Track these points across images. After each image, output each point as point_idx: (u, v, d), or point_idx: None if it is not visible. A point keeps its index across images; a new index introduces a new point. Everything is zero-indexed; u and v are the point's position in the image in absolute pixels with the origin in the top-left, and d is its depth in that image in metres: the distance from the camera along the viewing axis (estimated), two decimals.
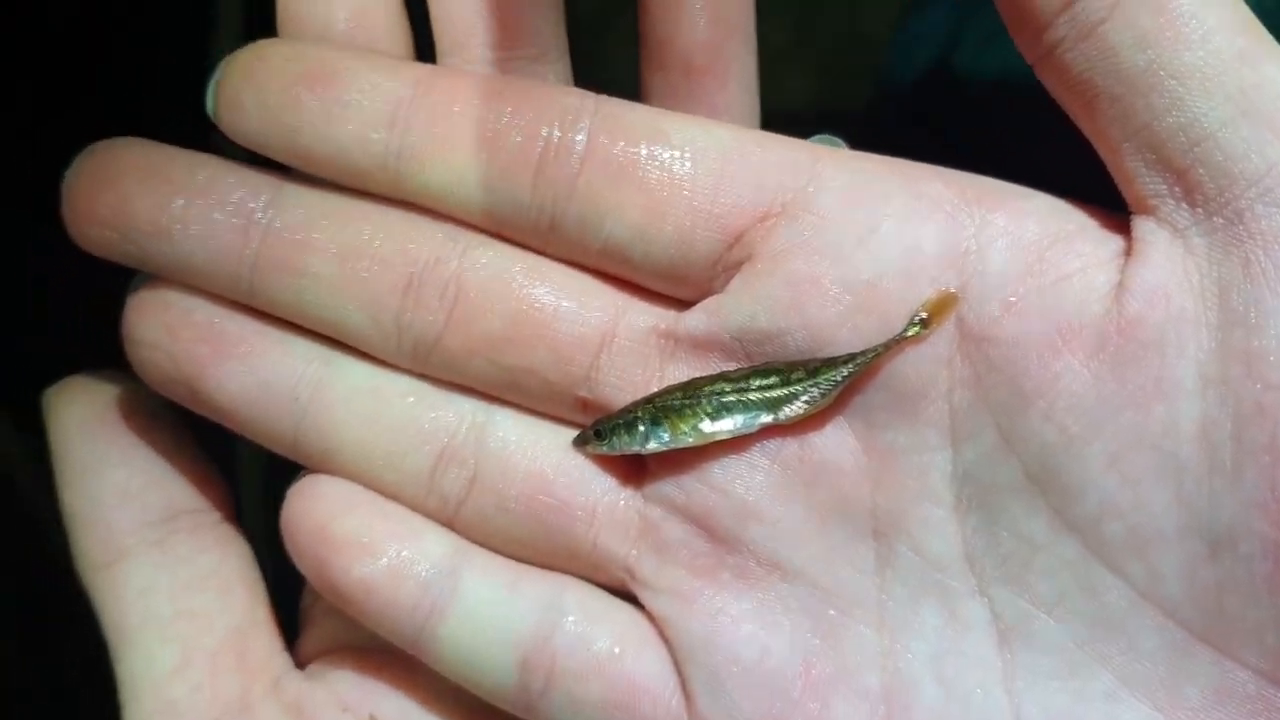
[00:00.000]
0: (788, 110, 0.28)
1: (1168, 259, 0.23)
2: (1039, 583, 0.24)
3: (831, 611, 0.26)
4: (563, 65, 0.28)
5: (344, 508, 0.27)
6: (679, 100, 0.27)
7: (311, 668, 0.30)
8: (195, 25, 0.43)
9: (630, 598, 0.27)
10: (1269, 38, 0.22)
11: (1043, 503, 0.24)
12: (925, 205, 0.25)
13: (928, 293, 0.24)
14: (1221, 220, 0.22)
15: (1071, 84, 0.23)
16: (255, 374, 0.27)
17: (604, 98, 0.27)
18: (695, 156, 0.25)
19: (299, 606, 0.31)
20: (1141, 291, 0.23)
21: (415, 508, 0.28)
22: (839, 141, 0.27)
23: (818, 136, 0.27)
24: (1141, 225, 0.23)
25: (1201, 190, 0.22)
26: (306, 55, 0.27)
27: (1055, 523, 0.24)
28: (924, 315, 0.24)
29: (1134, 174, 0.23)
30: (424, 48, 0.28)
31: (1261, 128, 0.21)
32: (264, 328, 0.28)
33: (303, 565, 0.27)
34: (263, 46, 0.27)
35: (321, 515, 0.27)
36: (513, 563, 0.27)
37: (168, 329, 0.27)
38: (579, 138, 0.26)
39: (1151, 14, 0.22)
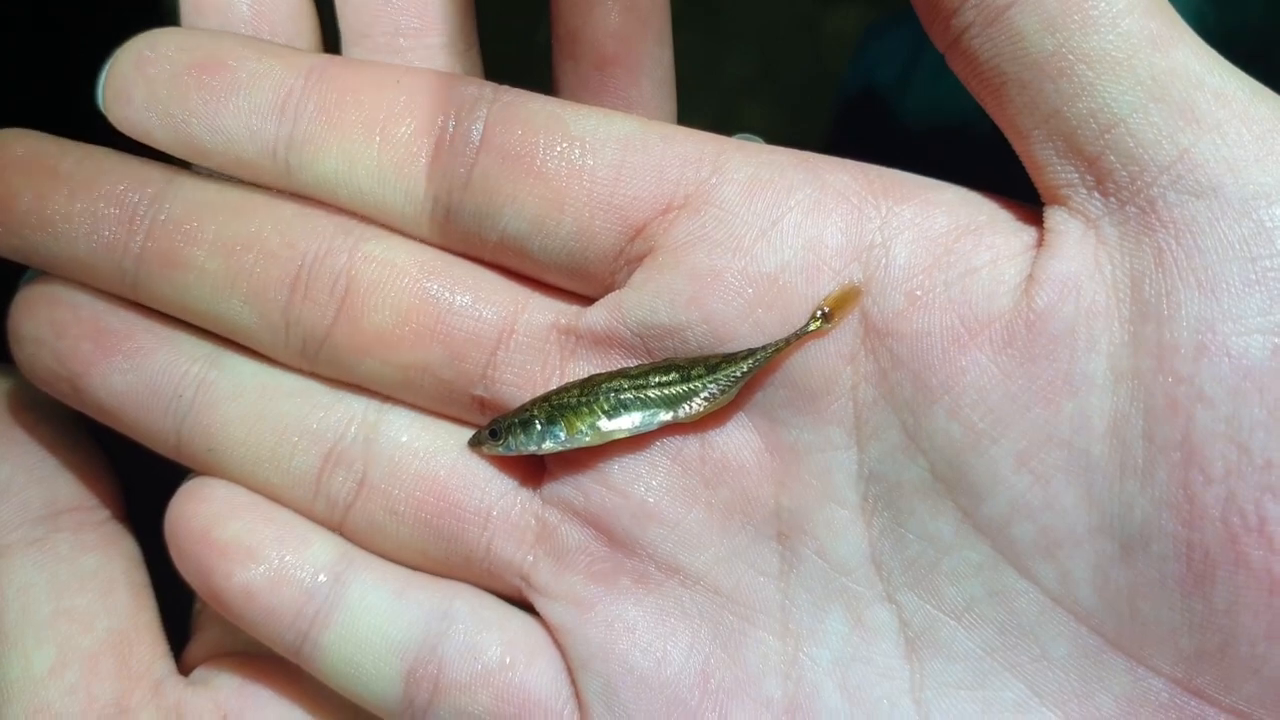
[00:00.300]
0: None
1: (1079, 250, 0.22)
2: (947, 588, 0.23)
3: (732, 618, 0.25)
4: (472, 55, 0.28)
5: (228, 511, 0.26)
6: (591, 94, 0.27)
7: (195, 673, 0.28)
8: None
9: (525, 606, 0.26)
10: (1180, 22, 0.22)
11: (950, 503, 0.23)
12: (830, 197, 0.24)
13: (831, 286, 0.24)
14: (1134, 209, 0.21)
15: (981, 71, 0.22)
16: (139, 372, 0.26)
17: (504, 88, 0.26)
18: (595, 147, 0.25)
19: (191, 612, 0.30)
20: (1052, 284, 0.22)
21: (302, 512, 0.26)
22: (757, 139, 0.27)
23: (738, 135, 0.27)
24: (1053, 216, 0.23)
25: (1113, 178, 0.22)
26: (197, 44, 0.26)
27: (963, 524, 0.23)
28: (827, 309, 0.24)
29: (1044, 162, 0.22)
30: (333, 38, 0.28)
31: (1173, 114, 0.21)
32: (151, 325, 0.27)
33: (185, 570, 0.26)
34: (154, 35, 0.26)
35: (204, 519, 0.26)
36: (402, 570, 0.26)
37: (53, 325, 0.26)
38: (475, 128, 0.25)
39: None
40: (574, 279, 0.26)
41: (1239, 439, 0.20)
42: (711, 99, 0.89)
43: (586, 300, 0.26)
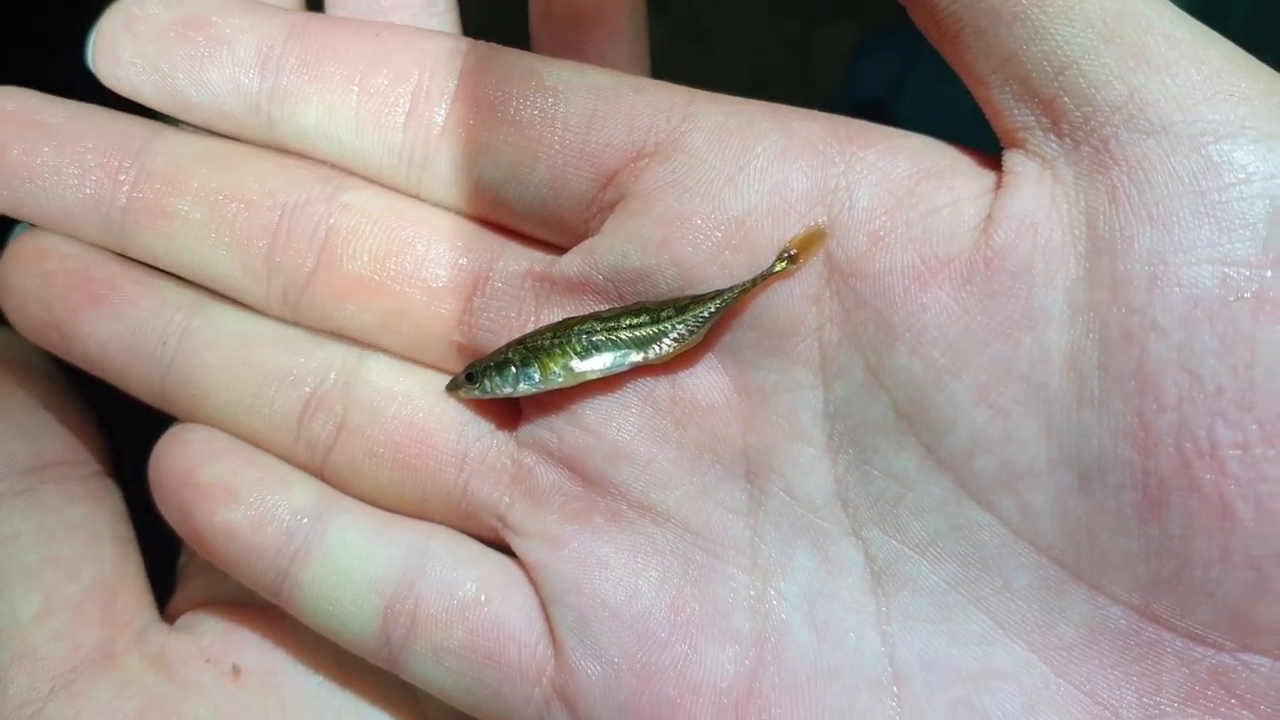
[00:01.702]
0: None
1: (1036, 190, 0.23)
2: (911, 522, 0.24)
3: (702, 554, 0.25)
4: (452, 17, 0.29)
5: (210, 455, 0.27)
6: (568, 52, 0.27)
7: (179, 620, 0.29)
8: None
9: (501, 548, 0.27)
10: None
11: (913, 439, 0.23)
12: (796, 144, 0.25)
13: (796, 229, 0.24)
14: (1088, 149, 0.22)
15: (940, 19, 0.23)
16: (125, 320, 0.27)
17: (480, 42, 0.27)
18: (568, 96, 0.25)
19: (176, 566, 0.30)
20: (1010, 222, 0.23)
21: (283, 455, 0.27)
22: None
23: None
24: (1011, 158, 0.23)
25: (1067, 119, 0.22)
26: (182, 2, 0.27)
27: (926, 460, 0.23)
28: (792, 251, 0.24)
29: (1002, 106, 0.23)
30: None
31: (1124, 55, 0.21)
32: (137, 274, 0.27)
33: (167, 512, 0.27)
34: None
35: (187, 462, 0.27)
36: (380, 512, 0.27)
37: (42, 276, 0.27)
38: (451, 79, 0.26)
39: None
40: (548, 228, 0.26)
41: (1190, 366, 0.21)
42: None
43: (560, 250, 0.27)
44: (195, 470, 0.26)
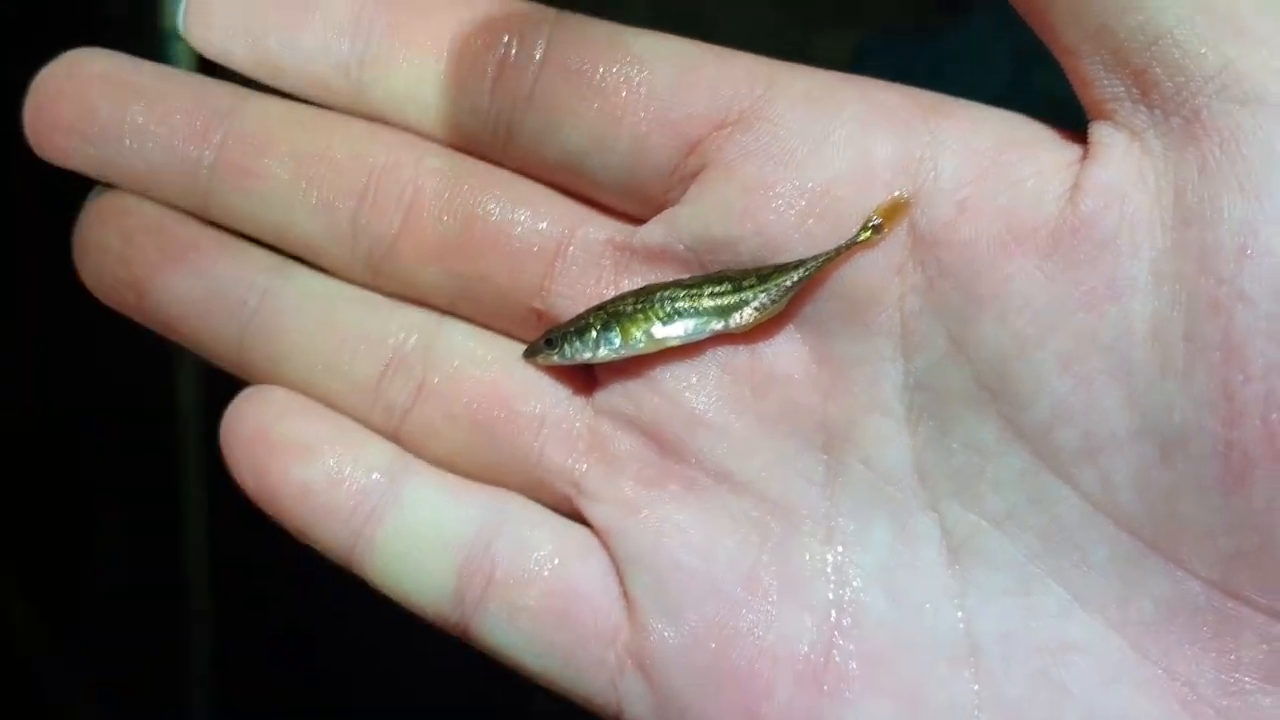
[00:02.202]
0: None
1: (1124, 160, 0.23)
2: (989, 496, 0.24)
3: (779, 523, 0.25)
4: None
5: (287, 413, 0.27)
6: None
7: None
8: None
9: (574, 518, 0.27)
10: None
11: (994, 410, 0.23)
12: (880, 114, 0.25)
13: (881, 198, 0.24)
14: (1179, 120, 0.22)
15: None
16: (205, 278, 0.27)
17: (565, 13, 0.27)
18: (653, 65, 0.26)
19: None
20: (1096, 192, 0.23)
21: (361, 418, 0.27)
22: None
23: None
24: (1099, 129, 0.23)
25: (1159, 89, 0.22)
26: None
27: (1006, 431, 0.23)
28: (877, 221, 0.24)
29: (1092, 77, 0.23)
30: None
31: (1218, 24, 0.21)
32: (219, 235, 0.28)
33: (239, 470, 0.27)
34: None
35: (263, 420, 0.27)
36: (455, 476, 0.27)
37: (121, 232, 0.27)
38: (539, 45, 0.26)
39: None
40: (629, 198, 0.27)
41: (1279, 336, 0.21)
42: None
43: (639, 221, 0.27)
44: (272, 427, 0.27)
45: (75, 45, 0.28)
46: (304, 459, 0.26)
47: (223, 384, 0.28)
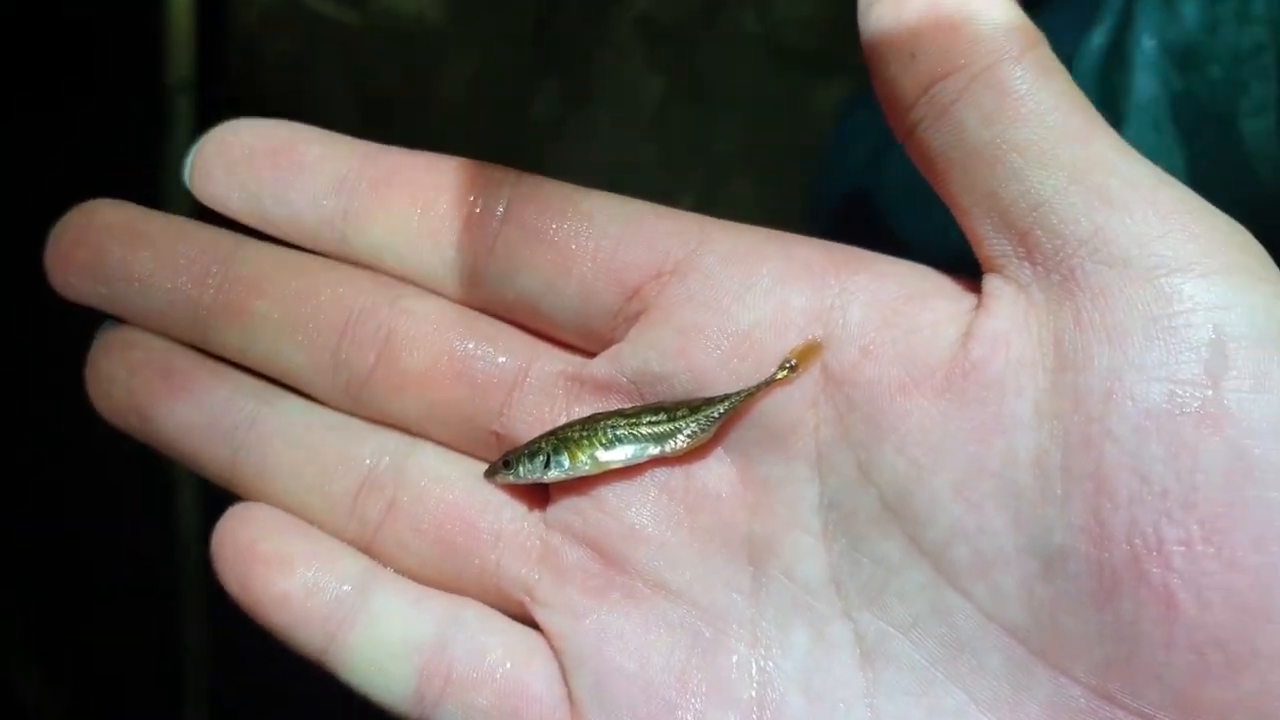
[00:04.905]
0: (736, 217, 0.31)
1: (1011, 310, 0.26)
2: (896, 606, 0.27)
3: (709, 629, 0.28)
4: None
5: (271, 530, 0.30)
6: None
7: None
8: None
9: (526, 623, 0.30)
10: (1099, 118, 0.25)
11: (897, 529, 0.26)
12: (797, 268, 0.28)
13: (796, 341, 0.28)
14: (1057, 276, 0.25)
15: (931, 158, 0.26)
16: (201, 405, 0.30)
17: (524, 174, 0.31)
18: (599, 221, 0.29)
19: None
20: (986, 338, 0.26)
21: (337, 531, 0.30)
22: None
23: None
24: (990, 281, 0.26)
25: (1040, 249, 0.25)
26: (271, 133, 0.31)
27: (909, 548, 0.26)
28: (792, 361, 0.28)
29: (983, 236, 0.26)
30: None
31: (1090, 195, 0.24)
32: (214, 367, 0.31)
33: (227, 580, 0.30)
34: (234, 125, 0.31)
35: (249, 535, 0.30)
36: (419, 585, 0.30)
37: (128, 364, 0.31)
38: (500, 204, 0.30)
39: (994, 96, 0.25)
40: (579, 334, 0.30)
41: (1141, 471, 0.23)
42: (700, 171, 0.91)
43: (589, 354, 0.30)
44: (257, 542, 0.30)
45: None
46: (284, 571, 0.29)
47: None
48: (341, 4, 0.90)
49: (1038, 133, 0.24)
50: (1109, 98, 0.53)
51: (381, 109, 0.90)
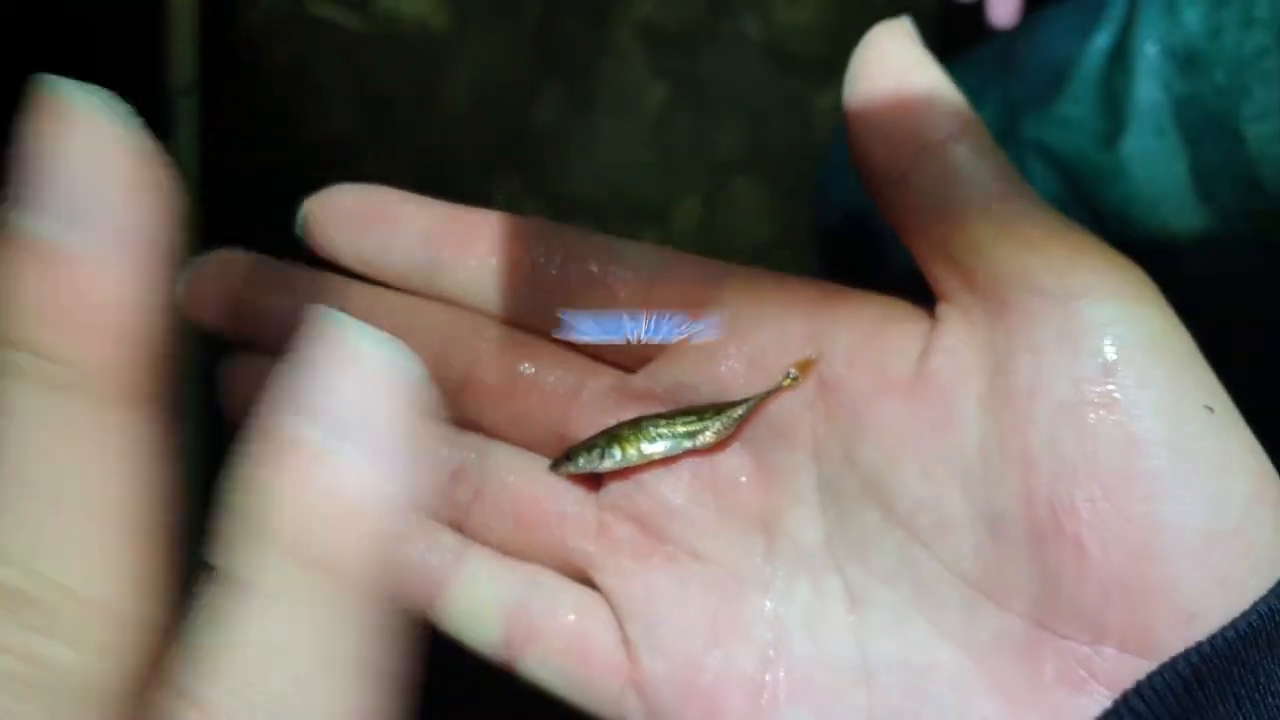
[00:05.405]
0: (739, 223, 0.37)
1: (958, 330, 0.31)
2: (876, 561, 0.33)
3: (732, 586, 0.35)
4: None
5: None
6: None
7: None
8: None
9: (587, 585, 0.37)
10: (1022, 181, 0.31)
11: (875, 502, 0.33)
12: (796, 300, 0.35)
13: (796, 357, 0.35)
14: (993, 303, 0.29)
15: (895, 212, 0.32)
16: None
17: (575, 226, 0.37)
18: (637, 267, 0.36)
19: None
20: (939, 352, 0.32)
21: (435, 514, 0.37)
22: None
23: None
24: (942, 308, 0.33)
25: (979, 284, 0.29)
26: (367, 197, 0.38)
27: (885, 517, 0.33)
28: (794, 373, 0.35)
29: (936, 273, 0.32)
30: None
31: (1016, 243, 0.29)
32: None
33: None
34: (336, 190, 0.38)
35: None
36: (503, 555, 0.37)
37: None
38: (557, 255, 0.37)
39: (938, 166, 0.29)
40: (623, 355, 0.37)
41: (1056, 449, 0.28)
42: (702, 175, 0.91)
43: (630, 370, 0.37)
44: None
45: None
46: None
47: None
48: (345, 8, 0.91)
49: (973, 195, 0.29)
50: (1111, 103, 0.53)
51: (383, 113, 0.91)
